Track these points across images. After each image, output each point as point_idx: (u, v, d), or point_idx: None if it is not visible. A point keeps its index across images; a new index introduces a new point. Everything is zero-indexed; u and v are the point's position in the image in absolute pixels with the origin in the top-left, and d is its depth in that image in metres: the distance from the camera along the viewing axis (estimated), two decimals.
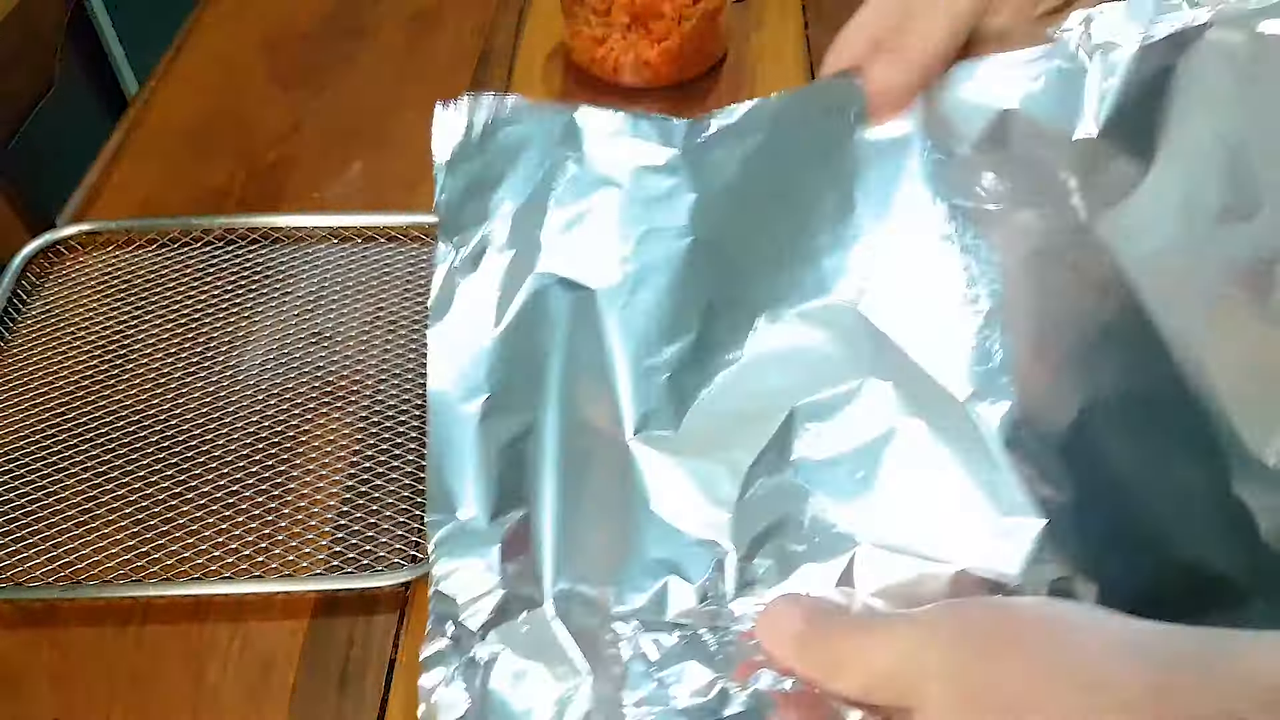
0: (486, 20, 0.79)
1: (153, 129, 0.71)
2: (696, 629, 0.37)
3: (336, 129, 0.70)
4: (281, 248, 0.61)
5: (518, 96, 0.48)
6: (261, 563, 0.47)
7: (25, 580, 0.47)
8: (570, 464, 0.40)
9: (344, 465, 0.51)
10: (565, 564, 0.38)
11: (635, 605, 0.37)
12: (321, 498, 0.49)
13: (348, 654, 0.45)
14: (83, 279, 0.60)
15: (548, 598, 0.37)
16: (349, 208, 0.63)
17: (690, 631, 0.37)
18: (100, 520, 0.49)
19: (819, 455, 0.38)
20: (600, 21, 0.68)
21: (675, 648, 0.36)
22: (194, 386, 0.54)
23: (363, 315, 0.57)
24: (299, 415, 0.53)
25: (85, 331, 0.57)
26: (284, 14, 0.80)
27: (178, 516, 0.49)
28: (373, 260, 0.60)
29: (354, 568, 0.47)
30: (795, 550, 0.37)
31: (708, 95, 0.71)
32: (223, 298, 0.58)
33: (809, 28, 0.77)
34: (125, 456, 0.51)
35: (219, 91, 0.74)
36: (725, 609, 0.37)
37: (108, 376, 0.55)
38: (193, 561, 0.47)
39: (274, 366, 0.55)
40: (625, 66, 0.70)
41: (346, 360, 0.55)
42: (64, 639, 0.46)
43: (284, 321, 0.57)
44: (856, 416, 0.38)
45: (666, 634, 0.37)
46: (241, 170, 0.67)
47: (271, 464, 0.51)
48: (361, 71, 0.75)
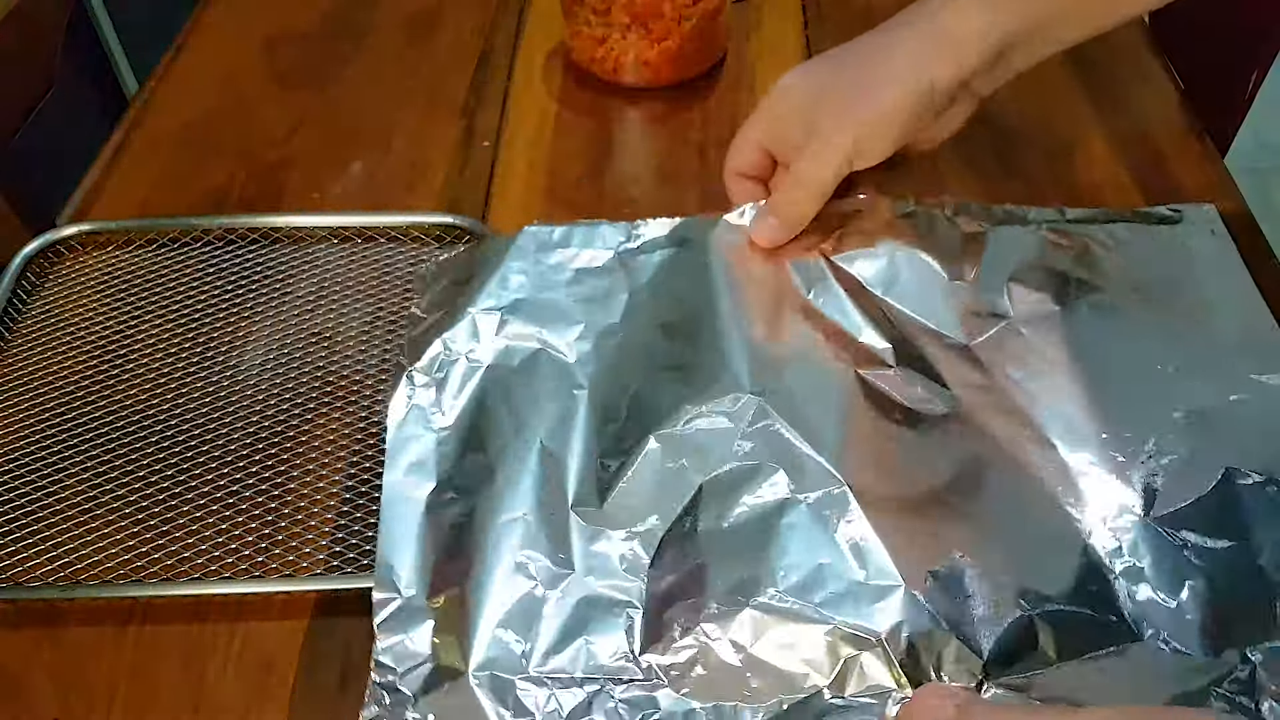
0: (486, 20, 0.79)
1: (153, 129, 0.71)
2: (604, 684, 0.41)
3: (336, 129, 0.70)
4: (281, 248, 0.61)
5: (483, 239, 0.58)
6: (261, 563, 0.47)
7: (25, 580, 0.47)
8: (507, 542, 0.45)
9: (344, 465, 0.51)
10: (489, 636, 0.42)
11: (551, 666, 0.42)
12: (321, 498, 0.49)
13: (348, 654, 0.45)
14: (83, 279, 0.60)
15: (471, 668, 0.41)
16: (349, 208, 0.63)
17: (598, 686, 0.41)
18: (100, 520, 0.49)
19: (722, 525, 0.45)
20: (600, 21, 0.68)
21: (582, 703, 0.41)
22: (194, 386, 0.54)
23: (363, 315, 0.57)
24: (299, 415, 0.53)
25: (85, 331, 0.57)
26: (284, 14, 0.80)
27: (178, 516, 0.49)
28: (373, 260, 0.60)
29: (354, 568, 0.47)
30: (697, 609, 0.42)
31: (708, 95, 0.71)
32: (223, 298, 0.58)
33: (809, 28, 0.77)
34: (125, 456, 0.51)
35: (219, 91, 0.74)
36: (631, 665, 0.41)
37: (108, 376, 0.55)
38: (193, 561, 0.47)
39: (274, 366, 0.55)
40: (625, 66, 0.70)
41: (346, 360, 0.55)
42: (64, 639, 0.46)
43: (284, 321, 0.57)
44: (756, 493, 0.45)
45: (579, 690, 0.41)
46: (241, 170, 0.67)
47: (271, 464, 0.51)
48: (361, 71, 0.75)
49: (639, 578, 0.44)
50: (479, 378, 0.51)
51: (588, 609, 0.43)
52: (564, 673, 0.41)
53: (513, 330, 0.53)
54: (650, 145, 0.70)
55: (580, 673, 0.41)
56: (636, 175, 0.67)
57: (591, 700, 0.41)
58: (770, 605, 0.42)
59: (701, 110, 0.70)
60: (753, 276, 0.55)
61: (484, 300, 0.54)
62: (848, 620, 0.41)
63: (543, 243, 0.57)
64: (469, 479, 0.47)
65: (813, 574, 0.43)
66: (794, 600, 0.42)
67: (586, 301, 0.54)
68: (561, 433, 0.49)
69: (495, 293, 0.54)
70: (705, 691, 0.41)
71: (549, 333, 0.52)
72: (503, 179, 0.66)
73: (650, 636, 0.42)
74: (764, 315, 0.53)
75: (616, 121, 0.70)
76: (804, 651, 0.41)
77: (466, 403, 0.50)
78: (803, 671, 0.41)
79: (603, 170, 0.66)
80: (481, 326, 0.53)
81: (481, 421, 0.49)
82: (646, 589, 0.43)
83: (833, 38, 0.75)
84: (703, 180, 0.65)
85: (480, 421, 0.49)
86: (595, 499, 0.46)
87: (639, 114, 0.71)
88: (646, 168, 0.68)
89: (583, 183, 0.65)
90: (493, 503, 0.46)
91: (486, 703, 0.41)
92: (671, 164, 0.67)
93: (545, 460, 0.48)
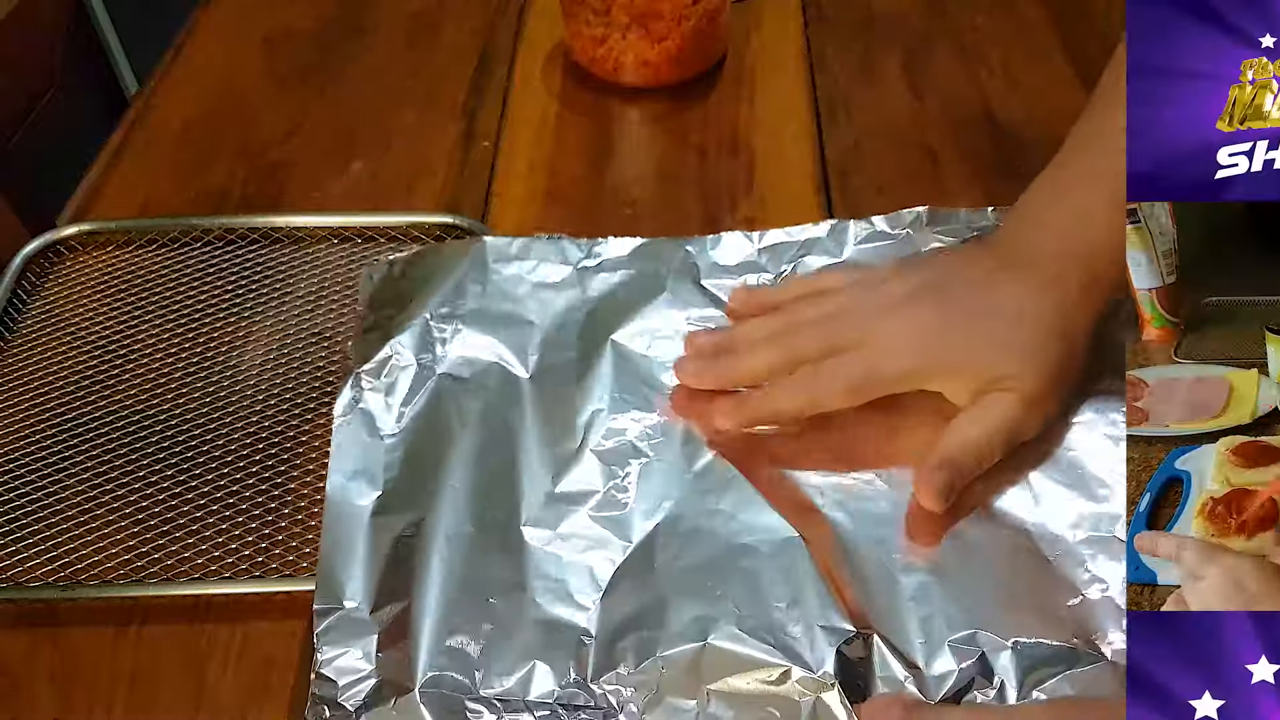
0: (486, 20, 0.79)
1: (153, 129, 0.71)
2: (555, 709, 0.41)
3: (336, 129, 0.70)
4: (281, 248, 0.61)
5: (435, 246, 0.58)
6: (261, 563, 0.47)
7: (25, 580, 0.47)
8: (455, 557, 0.45)
9: None
10: (437, 653, 0.42)
11: (500, 688, 0.41)
12: (321, 498, 0.49)
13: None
14: (83, 279, 0.60)
15: (418, 685, 0.41)
16: (349, 208, 0.63)
17: (549, 712, 0.41)
18: (100, 520, 0.49)
19: (679, 562, 0.44)
20: (600, 21, 0.68)
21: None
22: (194, 386, 0.54)
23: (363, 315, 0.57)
24: (299, 415, 0.53)
25: (85, 331, 0.57)
26: (284, 14, 0.80)
27: (178, 516, 0.49)
28: (373, 260, 0.60)
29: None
30: (652, 639, 0.42)
31: (708, 95, 0.71)
32: (223, 298, 0.58)
33: (809, 28, 0.77)
34: (125, 456, 0.51)
35: (219, 91, 0.74)
36: (584, 691, 0.41)
37: (108, 376, 0.55)
38: (193, 561, 0.47)
39: (274, 366, 0.55)
40: (625, 66, 0.70)
41: (346, 360, 0.55)
42: (64, 639, 0.46)
43: (284, 321, 0.57)
44: (712, 532, 0.45)
45: (529, 715, 0.41)
46: (241, 170, 0.67)
47: (271, 464, 0.51)
48: (361, 71, 0.75)
49: (593, 604, 0.43)
50: (430, 386, 0.51)
51: (541, 632, 0.42)
52: (514, 696, 0.41)
53: (466, 340, 0.53)
54: (650, 145, 0.70)
55: (532, 697, 0.41)
56: (636, 175, 0.67)
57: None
58: (725, 641, 0.42)
59: (701, 110, 0.70)
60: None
61: (439, 307, 0.54)
62: (804, 658, 0.41)
63: (501, 254, 0.57)
64: (416, 490, 0.47)
65: (769, 613, 0.42)
66: (749, 638, 0.41)
67: (541, 316, 0.54)
68: (512, 448, 0.48)
69: (450, 300, 0.54)
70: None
71: (503, 345, 0.52)
72: (503, 179, 0.66)
73: (603, 665, 0.41)
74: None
75: (616, 121, 0.70)
76: (758, 688, 0.40)
77: (416, 411, 0.50)
78: (758, 711, 0.40)
79: (603, 170, 0.66)
80: (435, 334, 0.53)
81: (431, 431, 0.49)
82: (599, 616, 0.43)
83: (833, 38, 0.75)
84: (702, 180, 0.65)
85: (429, 431, 0.49)
86: (550, 519, 0.46)
87: (639, 114, 0.71)
88: (646, 168, 0.68)
89: (583, 183, 0.65)
90: (440, 516, 0.46)
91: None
92: (671, 164, 0.67)
93: (496, 476, 0.47)
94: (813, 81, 0.72)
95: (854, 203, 0.62)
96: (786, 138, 0.68)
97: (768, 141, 0.67)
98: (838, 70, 0.73)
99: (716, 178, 0.65)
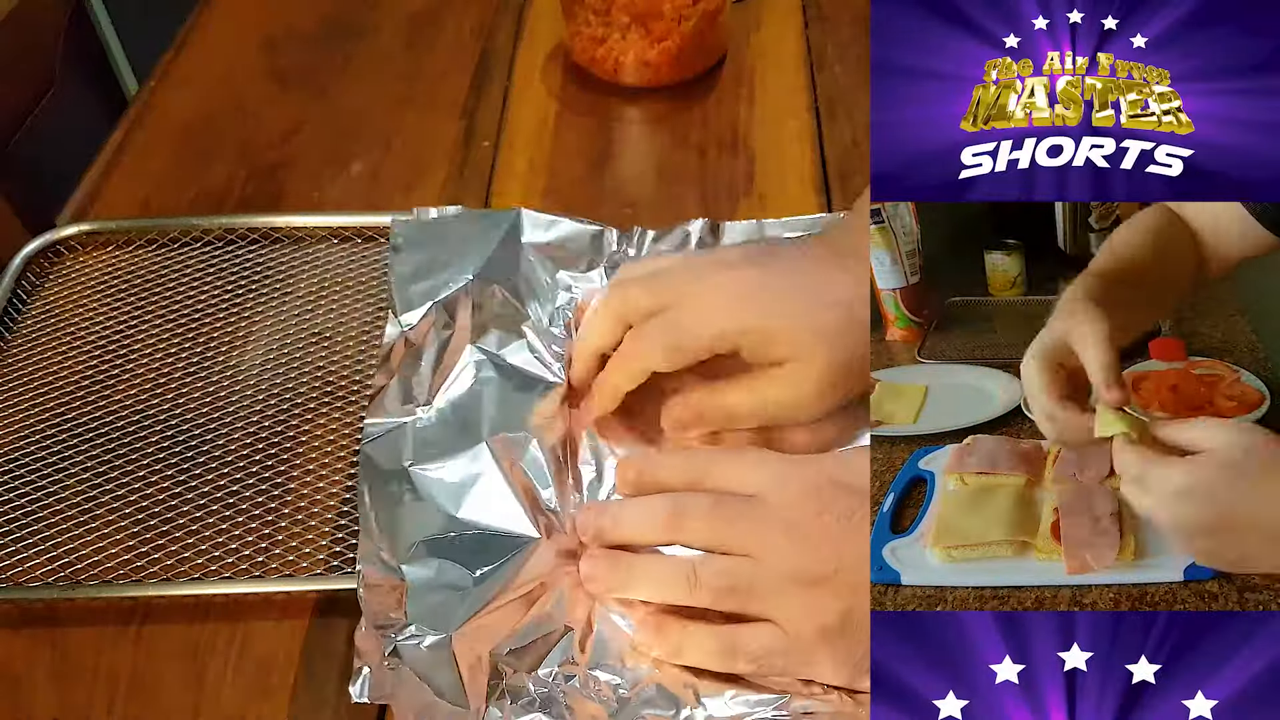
0: (486, 20, 0.79)
1: (153, 129, 0.71)
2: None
3: (336, 129, 0.70)
4: (281, 248, 0.61)
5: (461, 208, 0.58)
6: (261, 563, 0.47)
7: (25, 580, 0.47)
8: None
9: (344, 465, 0.51)
10: (475, 625, 0.42)
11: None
12: (321, 498, 0.49)
13: (348, 654, 0.45)
14: (83, 279, 0.60)
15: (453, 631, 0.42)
16: (349, 208, 0.63)
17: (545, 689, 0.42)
18: (100, 520, 0.49)
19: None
20: (600, 21, 0.68)
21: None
22: (194, 386, 0.54)
23: (363, 315, 0.57)
24: (299, 415, 0.53)
25: (85, 331, 0.57)
26: (284, 14, 0.80)
27: (178, 516, 0.49)
28: (373, 260, 0.60)
29: (354, 568, 0.47)
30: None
31: (708, 95, 0.71)
32: (223, 298, 0.58)
33: (809, 28, 0.77)
34: (125, 456, 0.51)
35: (219, 91, 0.74)
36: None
37: (108, 376, 0.55)
38: (193, 561, 0.47)
39: (274, 366, 0.55)
40: (625, 66, 0.70)
41: (346, 360, 0.55)
42: (64, 639, 0.46)
43: (284, 321, 0.57)
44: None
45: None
46: (241, 170, 0.67)
47: (271, 464, 0.51)
48: (361, 71, 0.75)
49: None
50: (467, 362, 0.50)
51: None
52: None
53: (499, 310, 0.52)
54: (650, 145, 0.70)
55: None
56: (636, 175, 0.67)
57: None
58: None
59: (701, 110, 0.70)
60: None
61: (472, 272, 0.54)
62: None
63: (537, 224, 0.57)
64: (450, 464, 0.46)
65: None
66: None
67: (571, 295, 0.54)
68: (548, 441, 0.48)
69: (482, 269, 0.54)
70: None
71: (530, 324, 0.52)
72: (503, 179, 0.66)
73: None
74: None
75: (616, 121, 0.70)
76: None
77: (452, 387, 0.49)
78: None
79: (603, 170, 0.66)
80: (468, 301, 0.52)
81: (467, 412, 0.48)
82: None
83: (833, 37, 0.75)
84: (702, 180, 0.65)
85: (465, 411, 0.48)
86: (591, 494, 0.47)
87: (639, 114, 0.71)
88: (646, 168, 0.68)
89: (583, 183, 0.65)
90: (484, 481, 0.45)
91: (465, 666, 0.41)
92: (671, 164, 0.67)
93: (524, 446, 0.47)
94: (813, 81, 0.72)
95: (854, 202, 0.62)
96: (786, 138, 0.68)
97: (768, 141, 0.67)
98: (838, 70, 0.73)
99: (716, 178, 0.65)
